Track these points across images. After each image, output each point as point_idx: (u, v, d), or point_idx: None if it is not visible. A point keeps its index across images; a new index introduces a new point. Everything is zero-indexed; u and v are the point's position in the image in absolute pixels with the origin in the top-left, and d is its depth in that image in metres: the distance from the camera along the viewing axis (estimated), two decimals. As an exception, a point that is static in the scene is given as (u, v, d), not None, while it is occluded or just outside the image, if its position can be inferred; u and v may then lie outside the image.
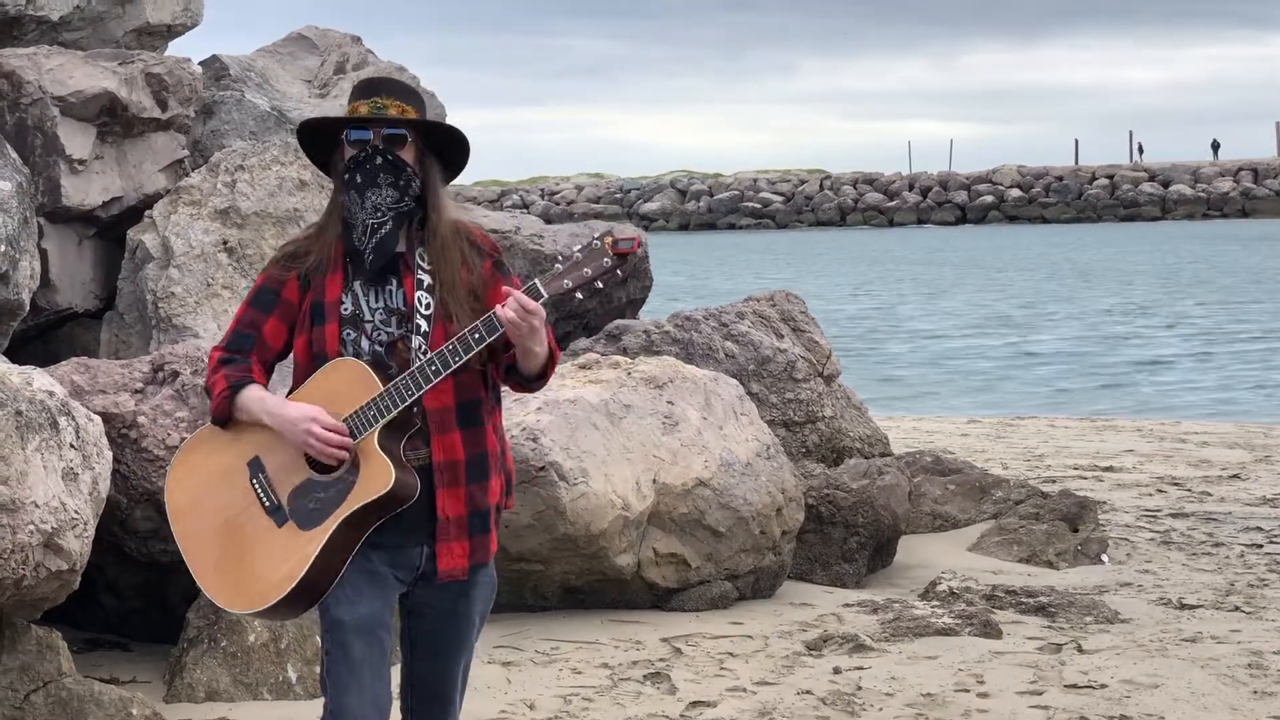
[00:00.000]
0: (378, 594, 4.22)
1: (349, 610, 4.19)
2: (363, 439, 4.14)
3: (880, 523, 9.00)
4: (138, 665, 7.07)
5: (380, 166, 4.25)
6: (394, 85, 4.34)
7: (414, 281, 4.26)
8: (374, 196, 4.25)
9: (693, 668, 7.18)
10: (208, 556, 4.24)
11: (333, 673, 4.20)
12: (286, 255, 4.32)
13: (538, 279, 4.15)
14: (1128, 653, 7.42)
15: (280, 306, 4.29)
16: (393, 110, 4.27)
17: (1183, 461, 13.48)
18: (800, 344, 10.24)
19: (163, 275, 8.71)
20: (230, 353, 4.30)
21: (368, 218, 4.24)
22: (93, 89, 8.88)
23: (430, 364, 4.13)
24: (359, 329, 4.24)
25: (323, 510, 4.15)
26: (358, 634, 4.19)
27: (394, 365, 4.21)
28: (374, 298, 4.26)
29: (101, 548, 6.73)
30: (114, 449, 6.68)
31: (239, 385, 4.24)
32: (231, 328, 4.33)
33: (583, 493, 7.75)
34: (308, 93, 10.91)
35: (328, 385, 4.20)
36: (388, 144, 4.26)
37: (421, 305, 4.24)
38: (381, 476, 4.12)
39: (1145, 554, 9.76)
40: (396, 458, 4.16)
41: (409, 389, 4.14)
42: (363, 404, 4.15)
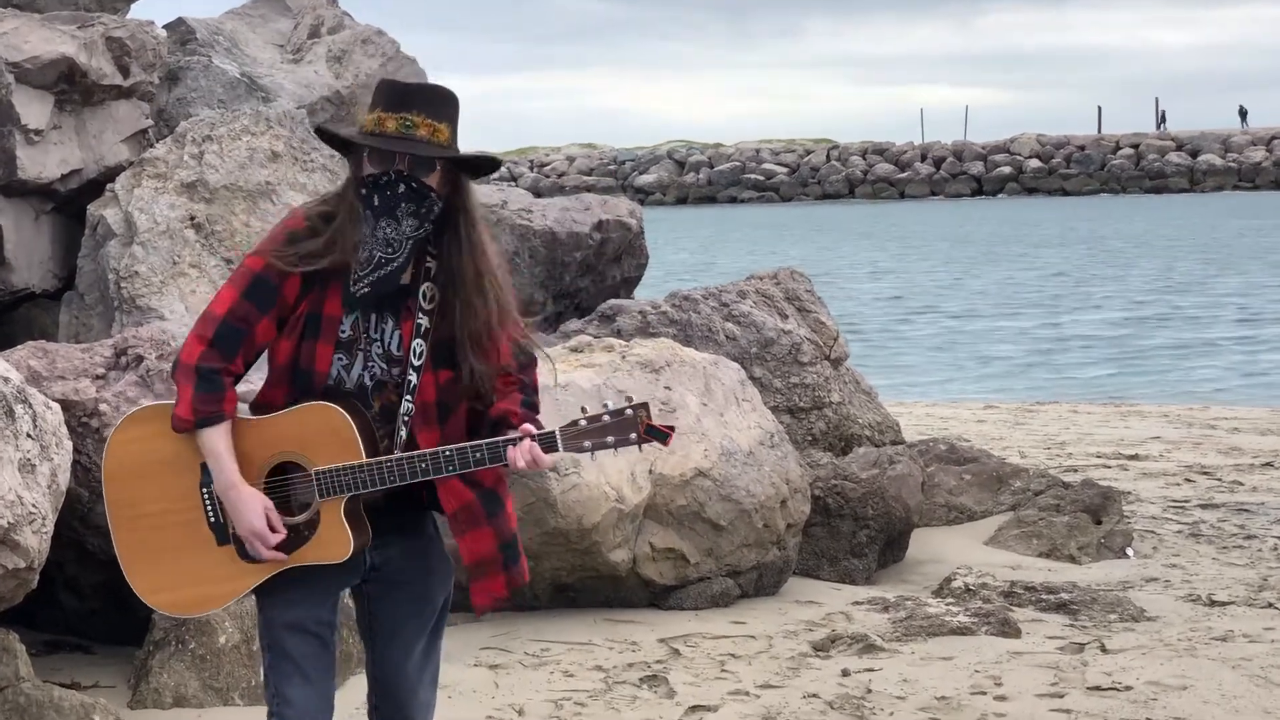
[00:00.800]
0: (314, 594, 4.26)
1: (283, 611, 4.24)
2: (328, 501, 4.16)
3: (891, 515, 9.00)
4: (100, 669, 7.06)
5: (403, 195, 4.15)
6: (425, 96, 4.17)
7: (413, 327, 4.21)
8: (389, 229, 4.15)
9: (692, 670, 7.18)
10: (135, 538, 4.27)
11: (274, 667, 4.25)
12: (301, 254, 4.16)
13: (558, 431, 4.15)
14: (1154, 652, 7.42)
15: (278, 305, 4.19)
16: (423, 130, 4.13)
17: (1212, 449, 13.49)
18: (806, 325, 10.23)
19: (126, 253, 8.69)
20: (216, 354, 4.17)
21: (377, 249, 4.16)
22: (50, 54, 8.85)
23: (422, 460, 4.14)
24: (353, 356, 4.21)
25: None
26: (293, 631, 4.23)
27: (376, 405, 4.20)
28: (373, 327, 4.21)
29: (61, 544, 6.71)
30: (74, 439, 6.66)
31: (205, 424, 4.17)
32: (221, 316, 4.18)
33: (574, 484, 7.74)
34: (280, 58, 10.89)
35: (306, 427, 4.17)
36: (415, 170, 4.14)
37: (414, 355, 4.20)
38: (338, 546, 4.18)
39: (1173, 547, 9.76)
40: (356, 518, 4.18)
41: (391, 477, 4.14)
42: (340, 466, 4.14)
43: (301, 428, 4.16)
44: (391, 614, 4.35)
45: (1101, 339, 26.14)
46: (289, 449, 4.17)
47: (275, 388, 4.24)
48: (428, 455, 4.13)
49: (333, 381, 4.19)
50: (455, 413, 4.23)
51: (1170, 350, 24.43)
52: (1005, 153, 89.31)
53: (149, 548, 4.25)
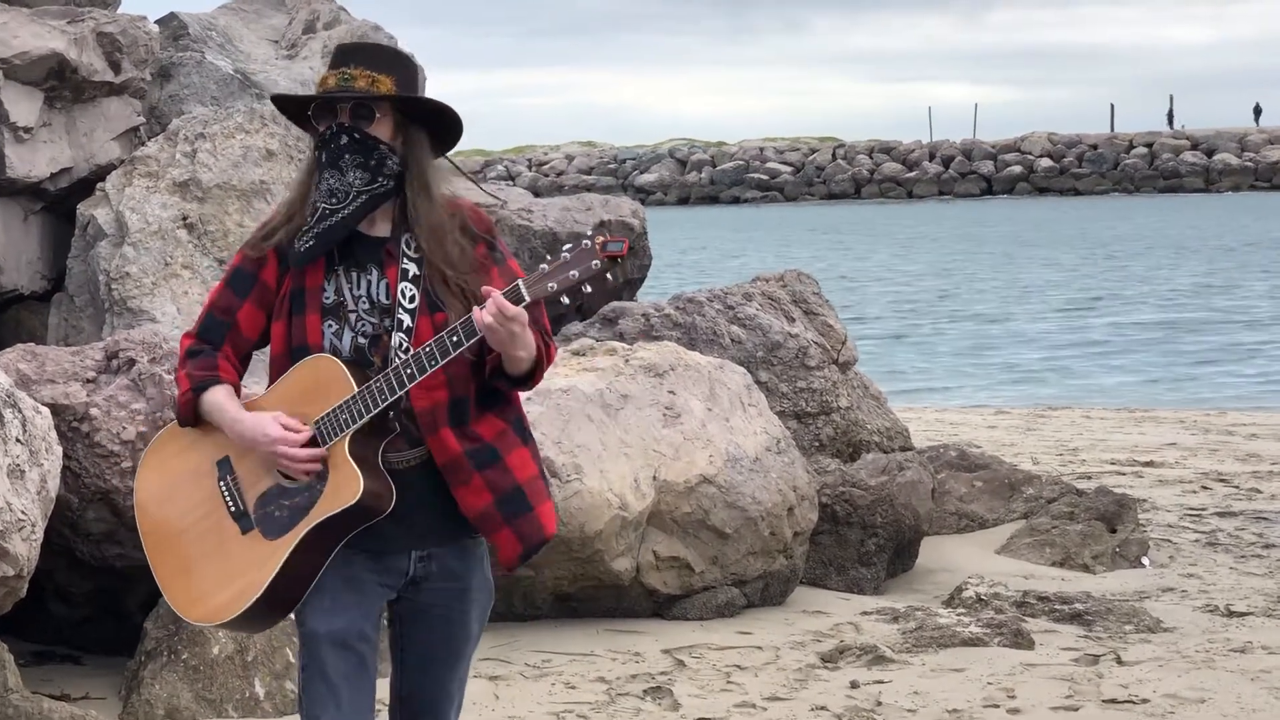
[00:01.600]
0: (358, 603, 4.21)
1: (324, 621, 4.19)
2: (333, 444, 4.15)
3: (901, 523, 9.00)
4: (91, 680, 7.06)
5: (345, 146, 4.21)
6: (368, 51, 4.28)
7: (398, 271, 4.23)
8: (332, 179, 4.20)
9: (697, 681, 7.18)
10: (171, 560, 4.28)
11: (308, 688, 4.20)
12: (265, 233, 4.30)
13: (520, 281, 4.13)
14: (1171, 664, 7.42)
15: (257, 289, 4.27)
16: (361, 81, 4.20)
17: (1229, 455, 13.49)
18: (813, 328, 10.23)
19: (116, 254, 8.69)
20: (201, 342, 4.28)
21: (320, 200, 4.22)
22: (39, 50, 8.85)
23: (406, 366, 4.13)
24: (341, 320, 4.22)
25: (289, 519, 4.17)
26: (334, 646, 4.19)
27: (377, 360, 4.21)
28: (356, 284, 4.24)
29: (51, 551, 6.72)
30: (64, 444, 6.67)
31: (202, 386, 4.24)
32: (204, 312, 4.31)
33: (576, 490, 7.74)
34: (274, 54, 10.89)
35: (300, 384, 4.20)
36: (355, 119, 4.21)
37: (405, 298, 4.21)
38: (349, 487, 4.13)
39: (1189, 556, 9.76)
40: (370, 465, 4.16)
41: (383, 393, 4.13)
42: (334, 407, 4.15)
43: (297, 387, 4.20)
44: (425, 641, 4.32)
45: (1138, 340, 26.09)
46: (291, 412, 4.18)
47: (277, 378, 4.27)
48: (410, 359, 4.12)
49: (328, 350, 4.21)
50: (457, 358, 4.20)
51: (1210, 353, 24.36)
52: (1016, 152, 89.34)
53: (182, 564, 4.26)
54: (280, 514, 4.17)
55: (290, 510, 4.16)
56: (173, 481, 4.30)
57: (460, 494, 4.22)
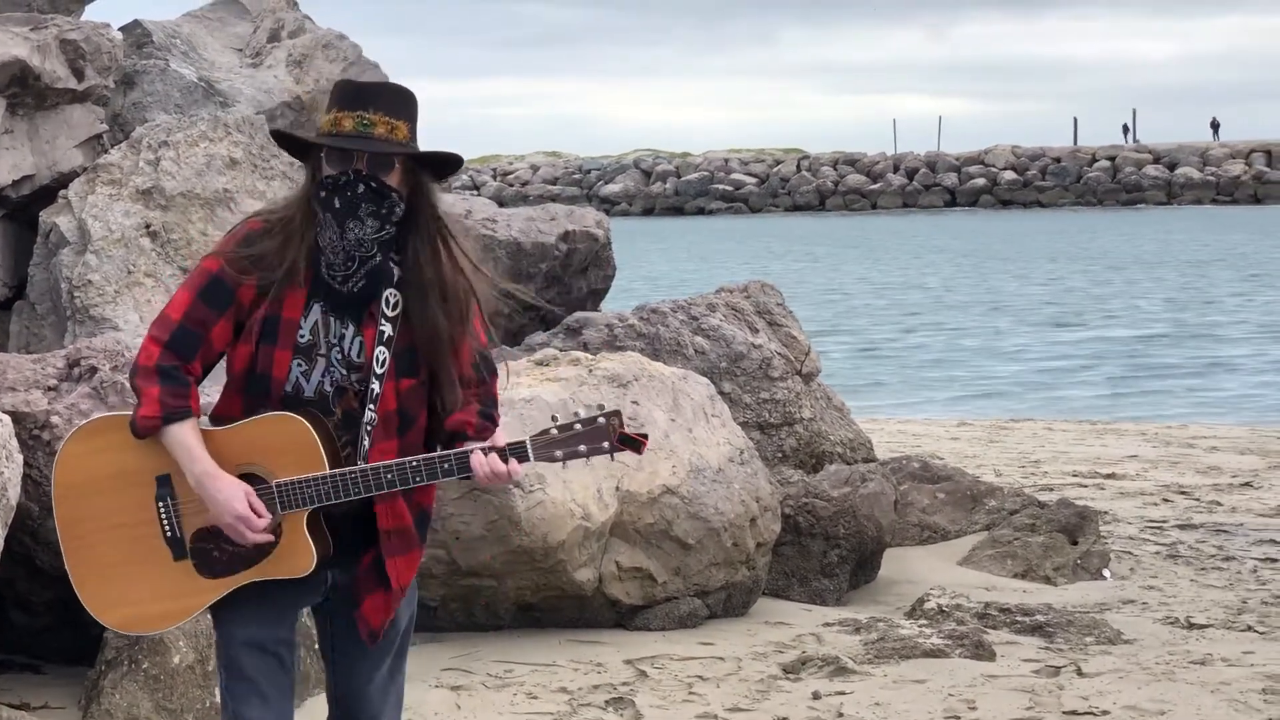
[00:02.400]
0: (274, 611, 4.25)
1: (241, 628, 4.23)
2: (291, 514, 4.16)
3: (863, 534, 9.01)
4: (50, 689, 7.03)
5: (363, 195, 4.16)
6: (384, 95, 4.19)
7: (375, 334, 4.20)
8: (356, 230, 4.16)
9: (659, 692, 7.18)
10: (88, 554, 4.25)
11: (230, 687, 4.24)
12: (251, 257, 4.18)
13: (529, 441, 4.16)
14: (1131, 676, 7.44)
15: (234, 307, 4.19)
16: (380, 128, 4.14)
17: (1190, 468, 13.55)
18: (777, 339, 10.24)
19: (79, 261, 8.66)
20: (174, 356, 4.18)
21: (352, 249, 4.17)
22: (1, 56, 8.82)
23: (388, 472, 4.13)
24: (311, 362, 4.20)
25: (228, 565, 4.18)
26: (251, 650, 4.22)
27: (338, 412, 4.20)
28: (333, 332, 4.21)
29: (11, 560, 6.69)
30: (24, 451, 6.64)
31: (171, 419, 4.16)
32: (178, 320, 4.19)
33: (539, 501, 7.74)
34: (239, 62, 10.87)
35: (265, 437, 4.16)
36: (373, 169, 4.15)
37: (377, 364, 4.19)
38: (302, 559, 4.17)
39: (1150, 569, 9.80)
40: (320, 533, 4.18)
41: (358, 488, 4.13)
42: (301, 479, 4.13)
43: (262, 438, 4.16)
44: (353, 635, 4.33)
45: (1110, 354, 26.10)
46: (249, 461, 4.16)
47: (233, 397, 4.23)
48: (394, 466, 4.13)
49: (290, 389, 4.18)
50: (415, 423, 4.23)
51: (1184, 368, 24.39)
52: (979, 164, 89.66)
53: (102, 564, 4.23)
54: (220, 555, 4.18)
55: (231, 557, 4.17)
56: (101, 475, 4.23)
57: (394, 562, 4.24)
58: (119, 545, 4.21)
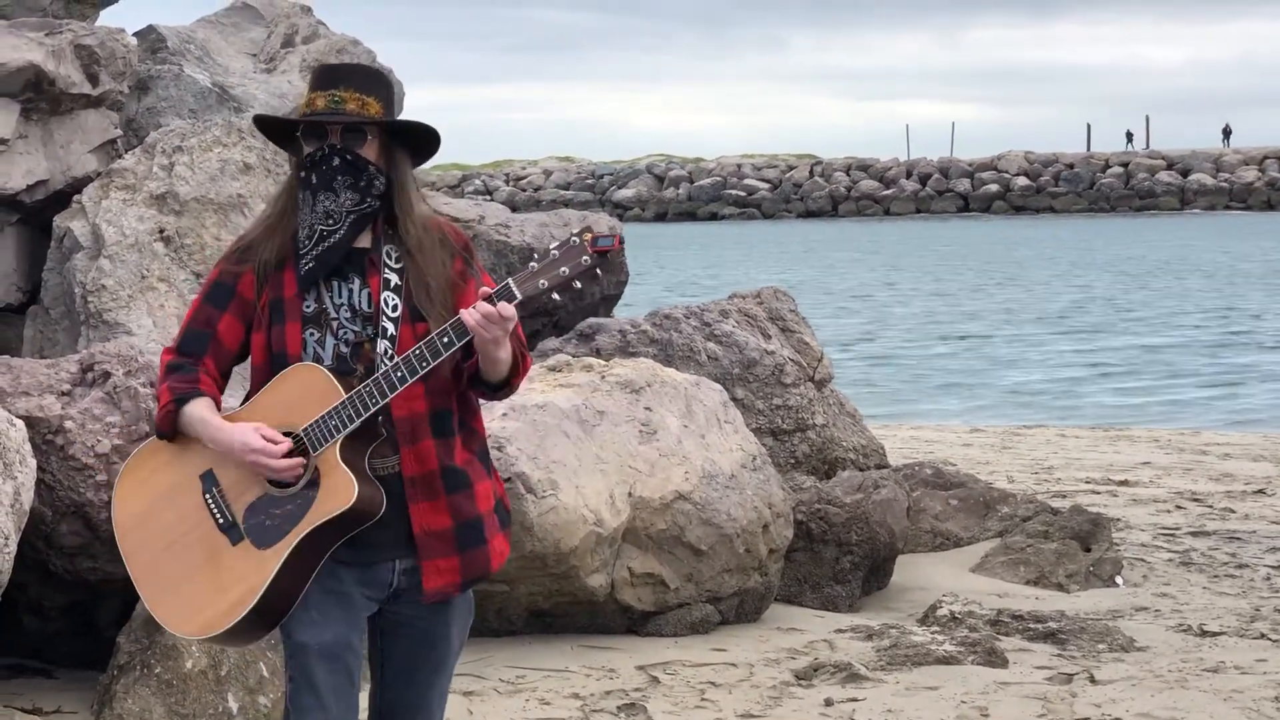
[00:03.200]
0: (344, 616, 4.23)
1: (313, 634, 4.20)
2: (324, 451, 4.16)
3: (876, 541, 9.00)
4: (63, 694, 7.03)
5: (338, 168, 4.26)
6: (355, 73, 4.31)
7: (380, 281, 4.27)
8: (327, 201, 4.25)
9: (671, 698, 7.17)
10: (157, 578, 4.26)
11: (296, 700, 4.23)
12: (241, 247, 4.33)
13: (511, 279, 4.17)
14: (1144, 683, 7.43)
15: (236, 302, 4.29)
16: (351, 104, 4.25)
17: (1204, 475, 13.52)
18: (789, 345, 10.24)
19: (93, 266, 8.67)
20: (182, 356, 4.29)
21: (317, 222, 4.26)
22: (16, 61, 8.83)
23: (396, 370, 4.15)
24: (322, 328, 4.26)
25: (281, 527, 4.16)
26: (322, 659, 4.21)
27: (359, 369, 4.23)
28: (338, 293, 4.27)
29: (24, 565, 6.69)
30: (38, 456, 6.65)
31: (183, 399, 4.24)
32: (185, 326, 4.33)
33: (552, 506, 7.74)
34: (253, 67, 10.88)
35: (285, 394, 4.21)
36: (346, 142, 4.26)
37: (388, 307, 4.25)
38: (343, 492, 4.14)
39: (1163, 576, 9.78)
40: (360, 470, 4.17)
41: (373, 397, 4.15)
42: (323, 414, 4.16)
43: (283, 397, 4.20)
44: (405, 654, 4.35)
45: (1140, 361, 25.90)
46: (279, 422, 4.19)
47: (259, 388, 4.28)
48: (399, 362, 4.14)
49: (309, 358, 4.23)
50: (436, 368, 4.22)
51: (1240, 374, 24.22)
52: (993, 170, 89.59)
53: (171, 582, 4.24)
54: (271, 522, 4.17)
55: (282, 518, 4.16)
56: (153, 499, 4.27)
57: (419, 509, 4.24)
58: (182, 556, 4.23)
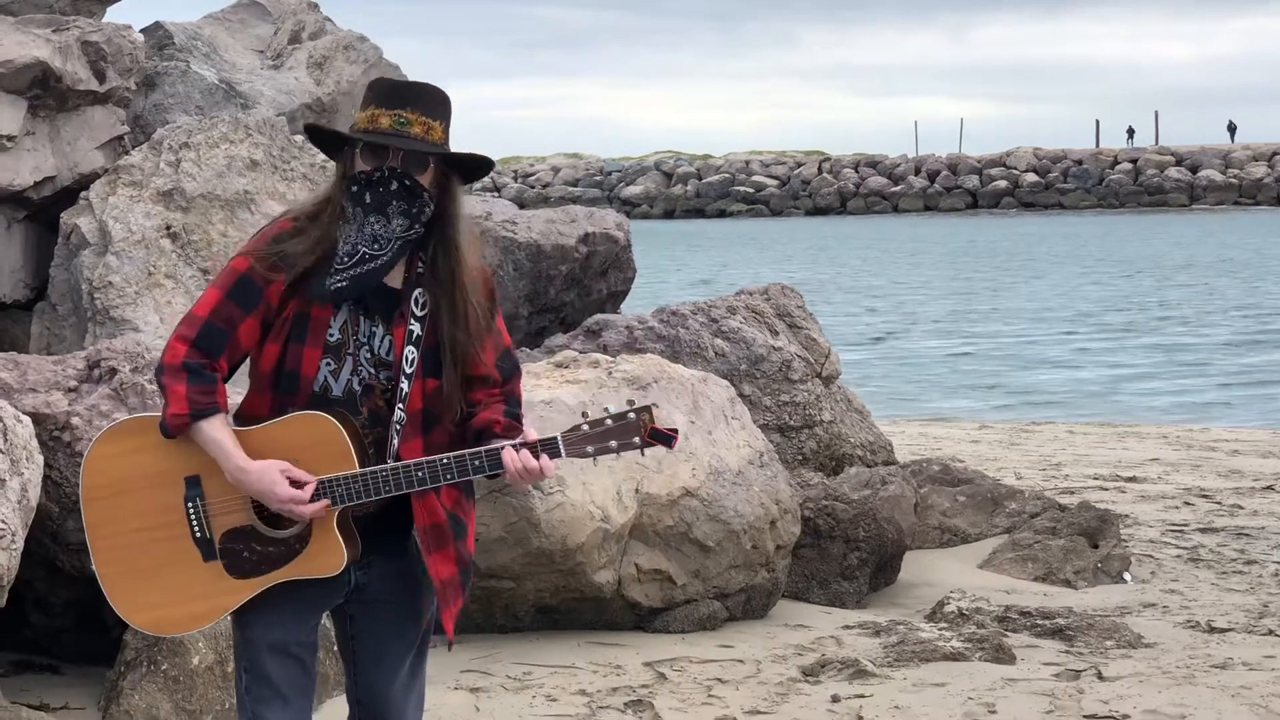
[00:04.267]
0: (297, 613, 4.25)
1: (264, 631, 4.23)
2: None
3: (883, 537, 8.99)
4: (70, 690, 7.04)
5: (396, 192, 4.15)
6: (422, 95, 4.19)
7: (404, 333, 4.20)
8: (377, 225, 4.16)
9: (678, 695, 7.17)
10: (117, 557, 4.24)
11: (251, 690, 4.24)
12: (280, 254, 4.17)
13: (560, 437, 4.18)
14: (1152, 680, 7.42)
15: (262, 306, 4.18)
16: (417, 128, 4.15)
17: (1212, 472, 13.51)
18: (797, 342, 10.23)
19: (100, 263, 8.67)
20: (199, 353, 4.17)
21: (362, 244, 4.16)
22: (23, 58, 8.84)
23: (419, 469, 4.13)
24: (340, 361, 4.20)
25: (257, 565, 4.18)
26: (274, 653, 4.23)
27: (364, 411, 4.19)
28: (363, 331, 4.21)
29: (31, 561, 6.70)
30: (45, 453, 6.65)
31: (201, 415, 4.15)
32: (204, 317, 4.18)
33: (559, 503, 7.73)
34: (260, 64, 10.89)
35: (296, 437, 4.16)
36: (407, 167, 4.15)
37: (406, 363, 4.19)
38: (333, 559, 4.17)
39: (1171, 572, 9.77)
40: (349, 533, 4.18)
41: (387, 485, 4.14)
42: (332, 477, 4.13)
43: (291, 438, 4.15)
44: (375, 634, 4.33)
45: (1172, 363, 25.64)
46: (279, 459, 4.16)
47: (260, 395, 4.23)
48: (424, 464, 4.13)
49: (319, 388, 4.18)
50: (440, 422, 4.24)
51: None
52: (1001, 166, 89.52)
53: (131, 567, 4.22)
54: (250, 556, 4.17)
55: (262, 557, 4.17)
56: (130, 478, 4.22)
57: (433, 559, 4.24)
58: (148, 547, 4.21)
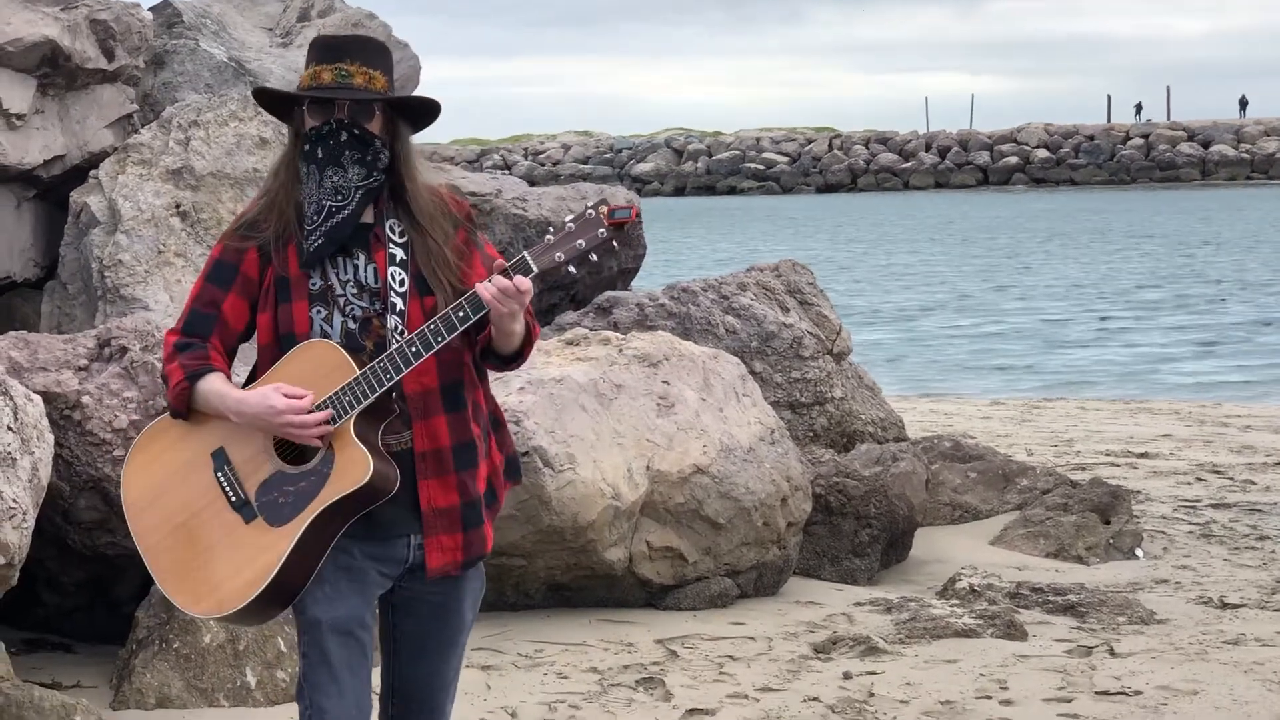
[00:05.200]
0: (357, 591, 4.22)
1: (326, 609, 4.19)
2: (337, 426, 4.14)
3: (894, 514, 8.98)
4: (82, 668, 7.05)
5: (346, 143, 4.21)
6: (360, 46, 4.27)
7: (386, 256, 4.23)
8: (335, 177, 4.21)
9: (689, 672, 7.16)
10: (169, 557, 4.23)
11: (310, 676, 4.22)
12: (244, 224, 4.27)
13: (527, 252, 4.15)
14: (1164, 656, 7.41)
15: (240, 281, 4.24)
16: (359, 79, 4.21)
17: (1224, 447, 13.48)
18: (808, 318, 10.21)
19: (109, 241, 8.67)
20: (187, 337, 4.24)
21: (325, 198, 4.21)
22: (32, 36, 8.83)
23: (410, 345, 4.12)
24: (329, 305, 4.21)
25: (294, 505, 4.14)
26: (336, 634, 4.20)
27: (369, 344, 4.20)
28: (343, 269, 4.24)
29: (42, 540, 6.70)
30: (55, 432, 6.65)
31: (196, 375, 4.19)
32: (188, 307, 4.28)
33: (569, 480, 7.73)
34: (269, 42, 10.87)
35: (298, 369, 4.17)
36: (354, 117, 4.21)
37: (395, 281, 4.21)
38: (358, 467, 4.12)
39: (1183, 548, 9.76)
40: (374, 446, 4.15)
41: (388, 372, 4.12)
42: (336, 389, 4.13)
43: (296, 372, 4.16)
44: (418, 629, 4.34)
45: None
46: None
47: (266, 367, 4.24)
48: (414, 337, 4.11)
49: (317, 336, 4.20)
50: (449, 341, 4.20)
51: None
52: (1012, 142, 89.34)
53: (183, 562, 4.21)
54: (285, 500, 4.14)
55: (296, 495, 4.14)
56: (163, 478, 4.24)
57: (428, 485, 4.22)
58: (195, 535, 4.20)
